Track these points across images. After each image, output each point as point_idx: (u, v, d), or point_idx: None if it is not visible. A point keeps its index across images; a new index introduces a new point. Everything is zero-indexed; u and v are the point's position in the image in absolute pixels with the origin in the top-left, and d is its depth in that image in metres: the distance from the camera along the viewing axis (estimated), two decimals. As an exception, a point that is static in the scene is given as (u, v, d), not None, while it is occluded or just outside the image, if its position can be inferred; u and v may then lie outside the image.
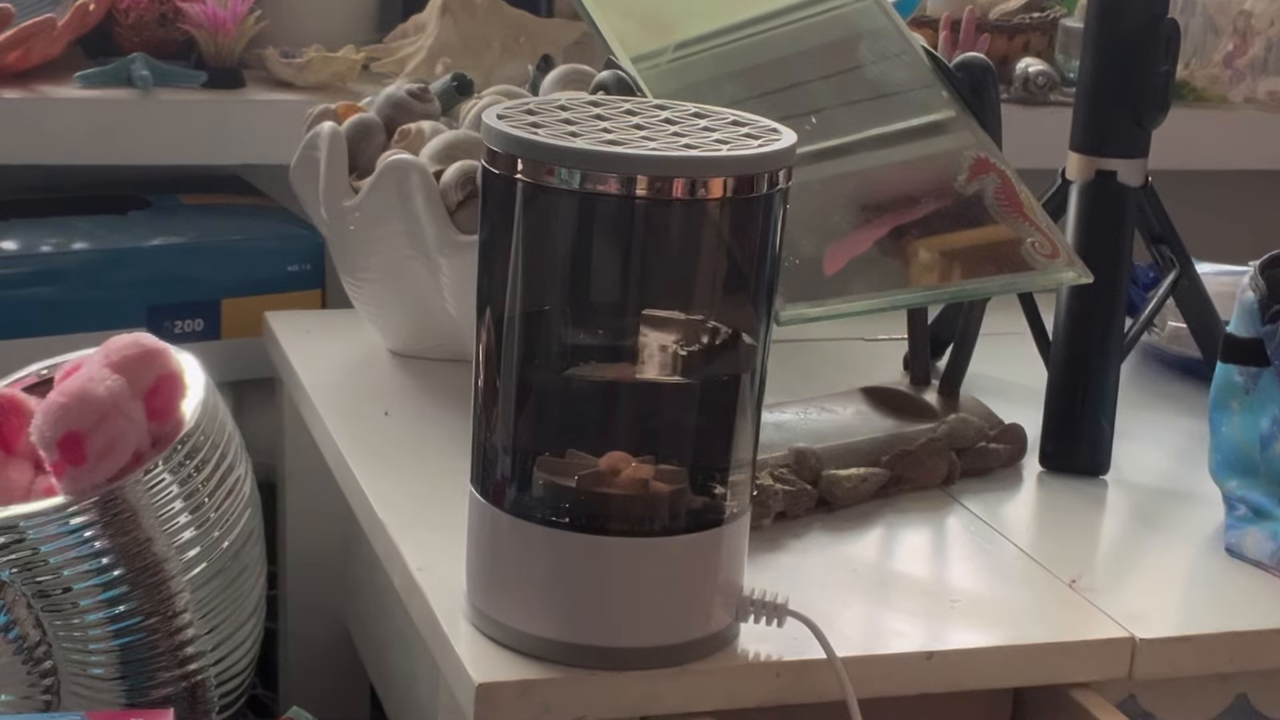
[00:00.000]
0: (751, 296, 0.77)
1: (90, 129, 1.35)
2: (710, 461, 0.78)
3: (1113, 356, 1.06)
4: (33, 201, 1.37)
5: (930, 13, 1.61)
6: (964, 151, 1.05)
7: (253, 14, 1.45)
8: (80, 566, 0.92)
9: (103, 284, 1.27)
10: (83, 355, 1.00)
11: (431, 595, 0.84)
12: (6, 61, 1.37)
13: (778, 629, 0.80)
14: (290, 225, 1.36)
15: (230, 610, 0.98)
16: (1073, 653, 0.85)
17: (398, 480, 0.97)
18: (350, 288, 1.16)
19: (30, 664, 0.92)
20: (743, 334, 0.78)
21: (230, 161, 1.42)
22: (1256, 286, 0.97)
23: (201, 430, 0.97)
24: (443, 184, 1.05)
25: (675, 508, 0.77)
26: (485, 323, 0.78)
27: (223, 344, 1.30)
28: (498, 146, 0.74)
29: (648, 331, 0.77)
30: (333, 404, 1.08)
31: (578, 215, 0.75)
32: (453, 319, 1.09)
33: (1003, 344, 1.17)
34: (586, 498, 0.76)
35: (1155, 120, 1.08)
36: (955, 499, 1.01)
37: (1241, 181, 1.71)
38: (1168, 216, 1.13)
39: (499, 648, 0.79)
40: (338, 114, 1.14)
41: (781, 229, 0.77)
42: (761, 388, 0.79)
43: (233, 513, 0.99)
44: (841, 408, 1.05)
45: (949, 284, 1.03)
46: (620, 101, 0.79)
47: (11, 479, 0.99)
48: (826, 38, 1.09)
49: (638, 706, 0.79)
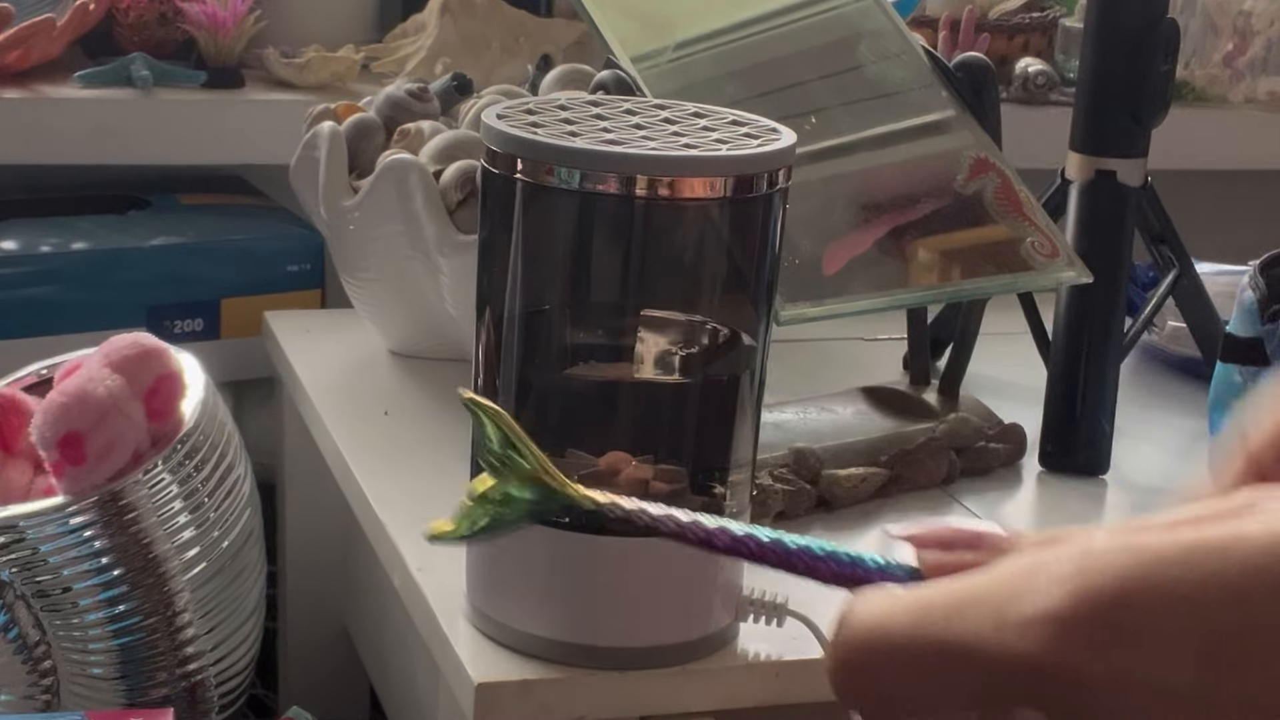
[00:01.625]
0: (751, 296, 0.77)
1: (90, 129, 1.35)
2: (710, 461, 0.78)
3: (1113, 356, 1.06)
4: (33, 201, 1.37)
5: (930, 13, 1.61)
6: (964, 151, 1.05)
7: (253, 14, 1.45)
8: (80, 566, 0.92)
9: (102, 284, 1.27)
10: (83, 355, 1.00)
11: (431, 595, 0.84)
12: (6, 61, 1.37)
13: (777, 629, 0.80)
14: (290, 225, 1.36)
15: (230, 610, 0.98)
16: (1073, 653, 0.85)
17: (398, 480, 0.97)
18: (350, 288, 1.16)
19: (30, 664, 0.92)
20: (743, 334, 0.78)
21: (230, 161, 1.42)
22: (1256, 286, 0.97)
23: (201, 430, 0.97)
24: (442, 184, 1.05)
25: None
26: (485, 323, 0.78)
27: (222, 344, 1.30)
28: (497, 146, 0.74)
29: (647, 331, 0.77)
30: (332, 404, 1.08)
31: (578, 215, 0.75)
32: (453, 319, 1.09)
33: (1003, 344, 1.16)
34: (586, 498, 0.76)
35: (1155, 120, 1.08)
36: (955, 499, 1.01)
37: (1241, 181, 1.71)
38: (1168, 216, 1.13)
39: (499, 648, 0.79)
40: (337, 114, 1.14)
41: (781, 229, 0.77)
42: (761, 388, 0.79)
43: (232, 512, 0.99)
44: (841, 408, 1.05)
45: (949, 284, 1.03)
46: (620, 101, 0.79)
47: (11, 479, 0.99)
48: (826, 38, 1.09)
49: (638, 706, 0.79)
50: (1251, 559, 0.31)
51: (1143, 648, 0.31)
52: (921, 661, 0.33)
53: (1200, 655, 0.31)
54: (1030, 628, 0.32)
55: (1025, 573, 0.32)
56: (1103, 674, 0.31)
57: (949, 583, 0.34)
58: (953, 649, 0.33)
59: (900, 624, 0.34)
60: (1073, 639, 0.31)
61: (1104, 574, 0.31)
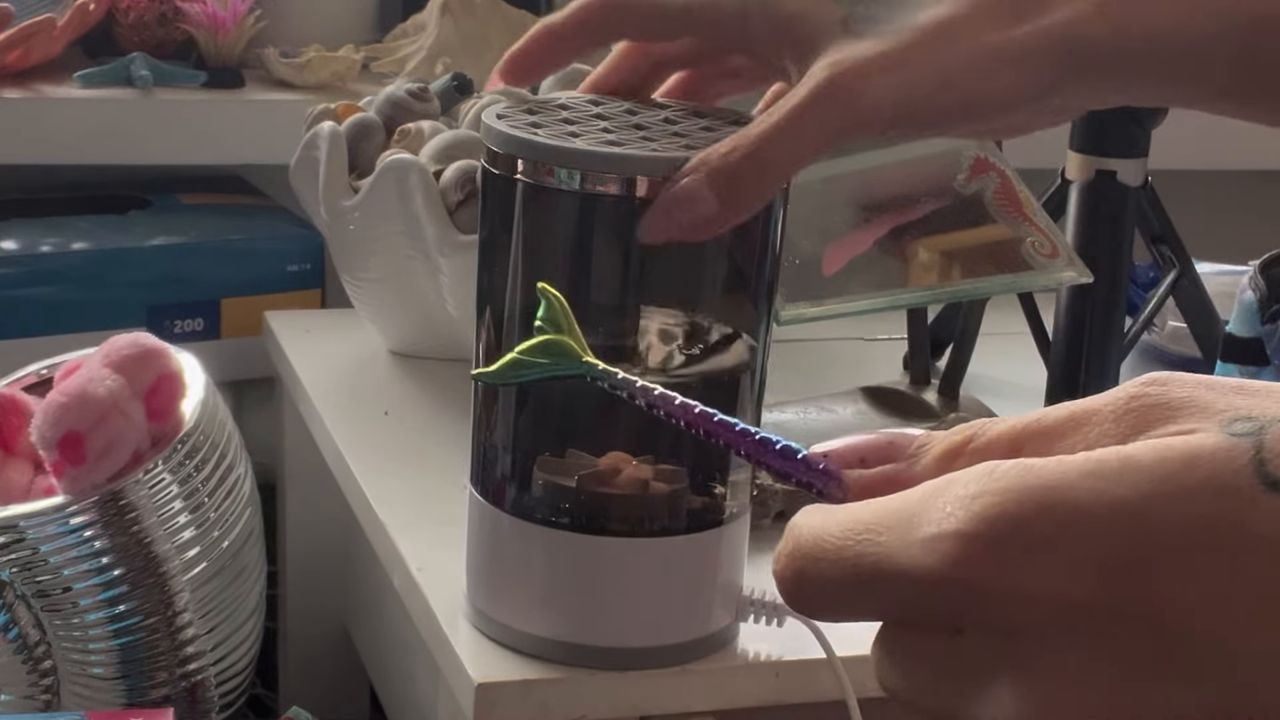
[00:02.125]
0: (751, 296, 0.77)
1: (90, 129, 1.35)
2: (710, 461, 0.78)
3: (1113, 356, 1.06)
4: (32, 201, 1.37)
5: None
6: (964, 151, 1.05)
7: (253, 14, 1.45)
8: (80, 566, 0.92)
9: (103, 284, 1.27)
10: (83, 355, 1.00)
11: (431, 595, 0.84)
12: (6, 61, 1.37)
13: (777, 629, 0.80)
14: (290, 225, 1.36)
15: (230, 610, 0.98)
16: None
17: (398, 480, 0.97)
18: (350, 287, 1.16)
19: (30, 664, 0.92)
20: (743, 334, 0.78)
21: (230, 161, 1.42)
22: (1256, 286, 0.97)
23: (201, 430, 0.97)
24: (442, 184, 1.05)
25: (675, 508, 0.77)
26: (485, 322, 0.78)
27: (223, 344, 1.30)
28: (498, 146, 0.74)
29: (648, 331, 0.77)
30: (332, 404, 1.08)
31: (578, 215, 0.75)
32: (453, 319, 1.09)
33: (1003, 344, 1.16)
34: (586, 498, 0.76)
35: (1155, 120, 1.08)
36: (955, 499, 1.01)
37: (1241, 181, 1.71)
38: (1168, 216, 1.13)
39: (499, 648, 0.79)
40: (337, 114, 1.14)
41: (781, 229, 0.77)
42: (761, 388, 0.79)
43: (232, 512, 0.99)
44: (841, 408, 1.05)
45: (949, 284, 1.03)
46: (620, 101, 0.79)
47: (11, 479, 0.99)
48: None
49: (638, 706, 0.79)
50: (1144, 480, 0.33)
51: (1043, 564, 0.33)
52: (848, 575, 0.36)
53: (1101, 570, 0.32)
54: (934, 544, 0.34)
55: (934, 493, 0.35)
56: (1005, 589, 0.33)
57: (874, 503, 0.36)
58: (871, 564, 0.36)
59: (832, 540, 0.36)
60: (973, 555, 0.33)
61: (1005, 494, 0.33)
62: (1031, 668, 0.33)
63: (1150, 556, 0.32)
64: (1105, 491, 0.32)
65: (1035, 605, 0.33)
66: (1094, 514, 0.32)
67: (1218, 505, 0.32)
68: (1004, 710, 0.34)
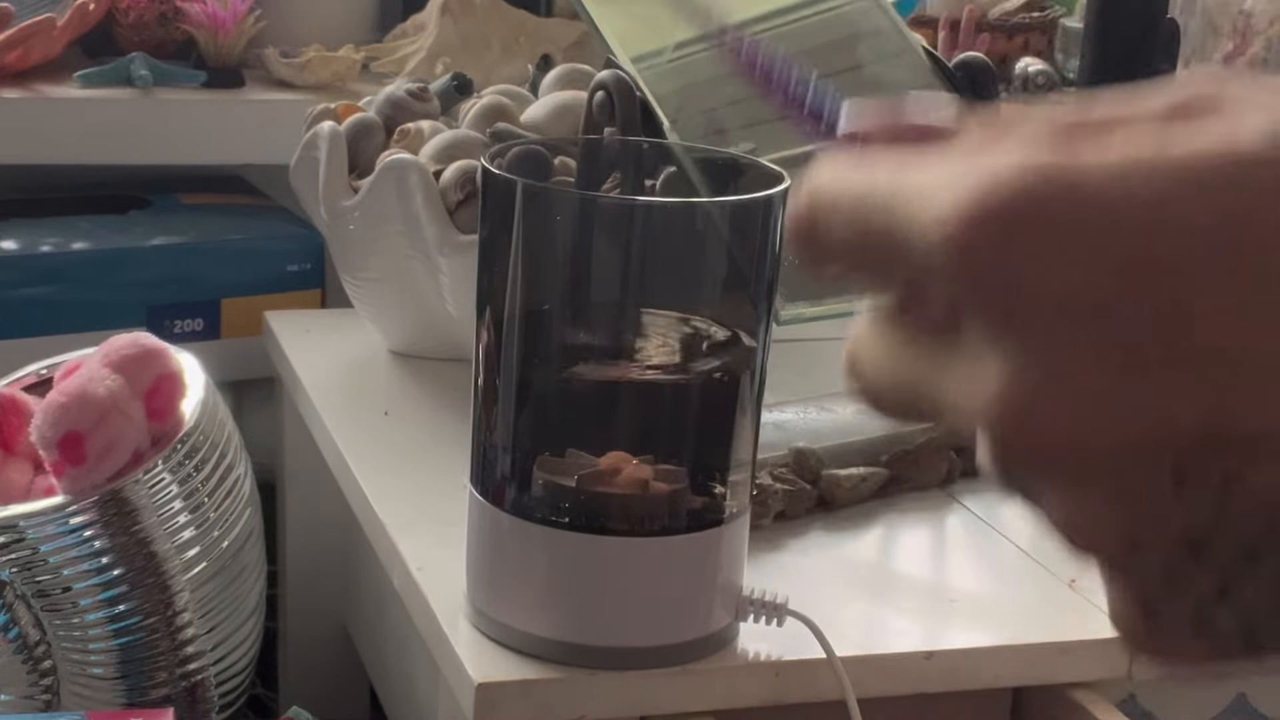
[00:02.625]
0: (751, 296, 0.77)
1: (90, 129, 1.35)
2: (710, 461, 0.78)
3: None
4: (33, 201, 1.38)
5: (930, 12, 1.61)
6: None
7: (252, 14, 1.45)
8: (80, 566, 0.92)
9: (103, 284, 1.27)
10: (83, 355, 1.01)
11: (431, 595, 0.84)
12: (6, 61, 1.37)
13: (777, 629, 0.80)
14: (290, 225, 1.36)
15: (230, 610, 0.98)
16: (1072, 652, 0.85)
17: (398, 480, 0.97)
18: (350, 287, 1.16)
19: (30, 664, 0.92)
20: (743, 334, 0.78)
21: (230, 161, 1.42)
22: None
23: (201, 430, 0.97)
24: (442, 184, 1.05)
25: (675, 507, 0.77)
26: (485, 322, 0.78)
27: (222, 344, 1.31)
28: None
29: (647, 331, 0.77)
30: (332, 404, 1.08)
31: (578, 215, 0.75)
32: (453, 319, 1.09)
33: (1002, 344, 1.16)
34: (586, 497, 0.76)
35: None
36: (955, 499, 1.01)
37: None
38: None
39: (499, 648, 0.79)
40: (337, 114, 1.14)
41: (782, 229, 0.77)
42: (761, 388, 0.79)
43: (232, 512, 0.99)
44: (841, 407, 1.05)
45: (949, 284, 1.03)
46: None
47: (11, 479, 0.99)
48: (826, 37, 1.09)
49: (637, 706, 0.79)
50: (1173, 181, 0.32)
51: (1054, 253, 0.32)
52: (858, 230, 0.36)
53: (1118, 265, 0.32)
54: (950, 214, 0.33)
55: (959, 168, 0.34)
56: (1014, 266, 0.32)
57: (901, 167, 0.36)
58: (883, 226, 0.35)
59: (850, 194, 0.36)
60: (981, 233, 0.32)
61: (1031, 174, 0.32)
62: (1025, 358, 0.32)
63: (1171, 256, 0.31)
64: (1133, 190, 0.32)
65: (1042, 290, 0.32)
66: (1118, 209, 0.32)
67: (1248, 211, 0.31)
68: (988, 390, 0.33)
